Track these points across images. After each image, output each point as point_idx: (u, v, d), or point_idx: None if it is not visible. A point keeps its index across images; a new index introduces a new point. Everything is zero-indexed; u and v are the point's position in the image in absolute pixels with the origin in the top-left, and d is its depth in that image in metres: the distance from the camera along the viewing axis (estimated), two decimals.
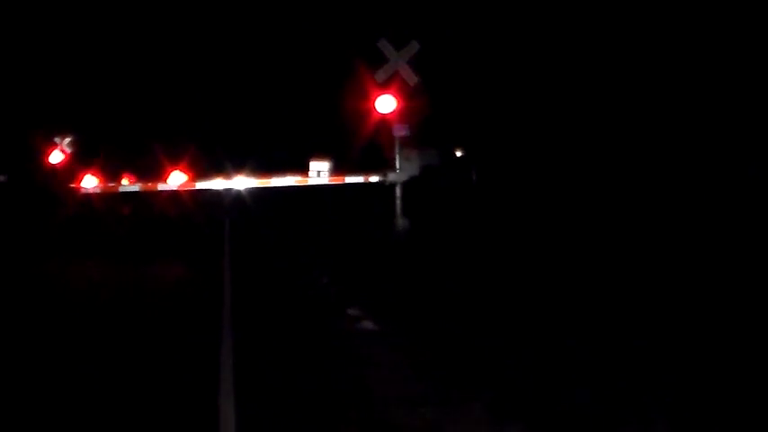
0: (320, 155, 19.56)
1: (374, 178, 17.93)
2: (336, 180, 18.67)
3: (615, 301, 9.80)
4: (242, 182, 19.05)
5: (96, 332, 9.80)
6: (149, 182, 20.44)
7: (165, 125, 29.88)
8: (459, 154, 23.47)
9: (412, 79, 16.80)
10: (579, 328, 8.72)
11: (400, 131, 17.15)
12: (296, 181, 18.84)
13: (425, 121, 17.92)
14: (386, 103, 16.73)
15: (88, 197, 19.07)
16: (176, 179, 20.04)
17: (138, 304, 11.85)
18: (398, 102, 16.73)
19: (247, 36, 30.25)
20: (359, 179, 18.40)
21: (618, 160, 17.75)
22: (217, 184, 19.43)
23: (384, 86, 16.91)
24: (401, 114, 16.95)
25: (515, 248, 14.85)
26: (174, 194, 21.30)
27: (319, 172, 18.76)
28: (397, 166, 17.30)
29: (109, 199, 20.43)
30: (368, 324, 9.66)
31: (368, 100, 17.28)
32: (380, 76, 16.82)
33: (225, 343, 8.74)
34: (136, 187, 19.15)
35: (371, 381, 7.38)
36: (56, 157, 19.77)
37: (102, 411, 6.63)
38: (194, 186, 19.15)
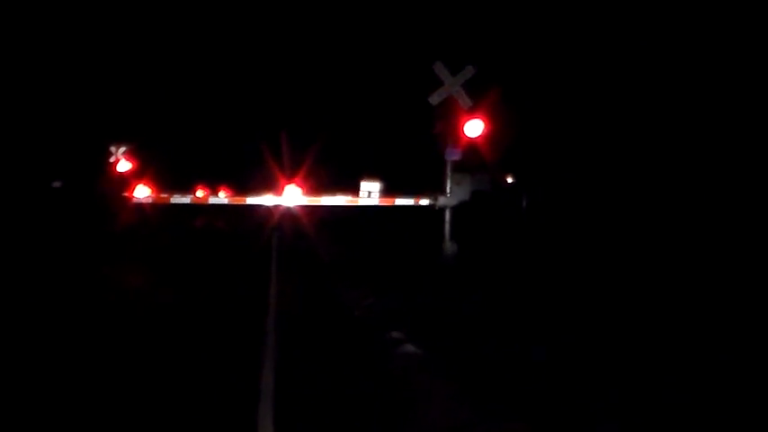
0: (371, 175, 19.53)
1: (424, 201, 17.86)
2: (387, 201, 18.62)
3: (663, 334, 9.66)
4: (292, 198, 19.08)
5: (132, 343, 9.90)
6: (200, 195, 20.64)
7: (216, 140, 30.28)
8: (510, 180, 23.36)
9: (467, 103, 16.74)
10: (624, 356, 8.60)
11: (453, 155, 17.10)
12: (346, 200, 18.83)
13: (478, 147, 17.86)
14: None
15: (141, 207, 19.25)
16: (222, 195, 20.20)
17: (182, 320, 11.92)
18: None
19: (307, 55, 30.55)
20: (409, 201, 18.34)
21: (667, 193, 17.57)
22: (267, 200, 19.49)
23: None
24: (455, 138, 16.92)
25: (564, 276, 14.72)
26: (223, 208, 21.45)
27: (370, 192, 18.72)
28: (448, 190, 17.24)
29: (162, 210, 20.63)
30: (409, 348, 9.59)
31: (427, 123, 17.35)
32: (435, 99, 16.79)
33: (267, 363, 8.74)
34: (187, 200, 19.28)
35: (410, 404, 7.32)
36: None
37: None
38: (245, 201, 19.24)
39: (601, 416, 6.75)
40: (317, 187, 20.05)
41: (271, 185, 20.41)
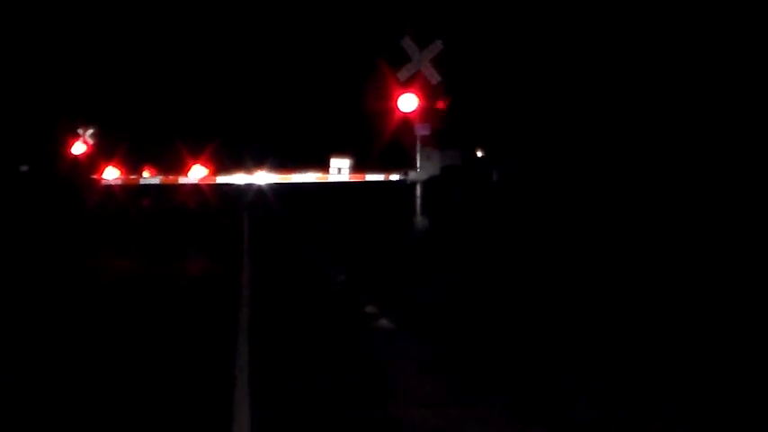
0: (341, 152, 19.55)
1: (395, 177, 17.90)
2: (357, 177, 18.65)
3: (631, 303, 9.78)
4: (262, 177, 19.05)
5: (110, 325, 9.87)
6: (170, 175, 20.53)
7: (188, 119, 30.04)
8: (480, 154, 23.42)
9: (435, 78, 16.78)
10: (595, 331, 8.70)
11: (422, 130, 17.13)
12: (316, 177, 18.83)
13: (447, 121, 17.89)
14: (408, 102, 16.70)
15: (109, 189, 19.14)
16: (197, 173, 20.11)
17: (156, 299, 11.89)
18: (420, 101, 16.71)
19: (272, 32, 30.34)
20: (379, 177, 18.37)
21: (638, 161, 17.67)
22: (237, 178, 19.45)
23: (406, 85, 16.89)
24: (423, 113, 16.93)
25: (534, 248, 14.83)
26: (194, 188, 21.38)
27: (340, 169, 18.76)
28: (418, 165, 17.27)
29: (130, 191, 20.51)
30: (384, 322, 9.64)
31: (390, 98, 17.28)
32: (403, 74, 16.81)
33: (241, 339, 8.74)
34: (157, 180, 19.19)
35: (386, 378, 7.38)
36: (78, 148, 19.83)
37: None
38: (215, 180, 19.18)
39: (576, 390, 6.81)
40: (287, 165, 20.03)
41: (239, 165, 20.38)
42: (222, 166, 21.96)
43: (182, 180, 20.20)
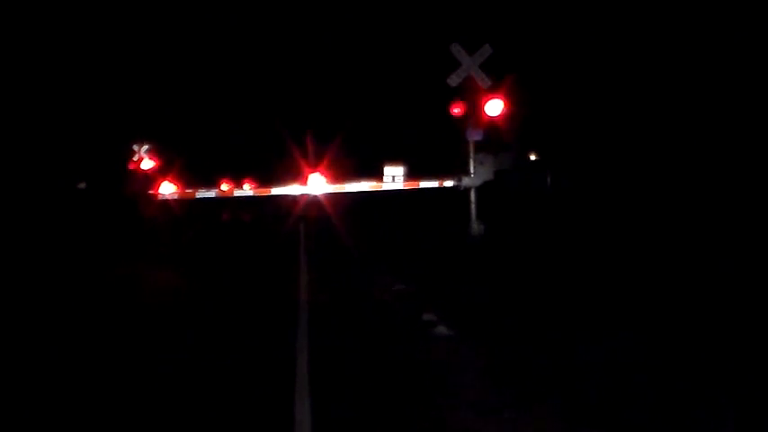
0: (395, 160, 19.56)
1: (449, 183, 17.85)
2: (411, 185, 18.63)
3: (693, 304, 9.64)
4: (317, 187, 19.12)
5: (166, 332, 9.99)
6: (224, 189, 20.77)
7: (239, 134, 30.37)
8: (533, 158, 23.29)
9: (485, 83, 16.72)
10: (658, 333, 8.60)
11: (475, 136, 17.09)
12: (370, 186, 18.85)
13: (499, 126, 17.82)
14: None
15: (166, 203, 19.38)
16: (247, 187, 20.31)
17: (219, 312, 12.00)
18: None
19: (326, 44, 30.57)
20: (433, 184, 18.34)
21: (694, 170, 17.44)
22: (292, 189, 19.56)
23: (457, 90, 16.87)
24: (475, 119, 16.90)
25: (591, 252, 14.68)
26: (249, 200, 21.54)
27: (394, 177, 18.76)
28: (472, 170, 17.21)
29: (188, 205, 20.75)
30: (442, 329, 9.61)
31: (446, 105, 17.34)
32: (453, 80, 16.78)
33: (300, 350, 8.77)
34: (212, 193, 19.38)
35: (444, 385, 7.36)
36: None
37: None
38: (269, 192, 19.32)
39: (632, 403, 6.75)
40: (341, 175, 20.09)
41: (295, 175, 20.48)
42: (277, 177, 22.17)
43: (237, 193, 20.38)
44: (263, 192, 19.99)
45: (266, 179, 24.02)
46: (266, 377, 7.83)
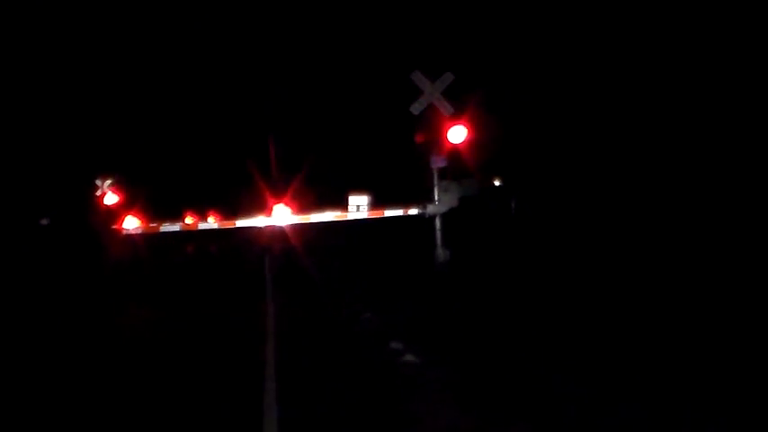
0: (359, 189, 19.51)
1: (413, 211, 17.84)
2: (376, 214, 18.60)
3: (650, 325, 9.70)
4: (282, 218, 19.04)
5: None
6: (188, 222, 20.62)
7: (202, 166, 30.27)
8: (497, 183, 23.40)
9: (448, 110, 16.76)
10: (619, 356, 8.63)
11: (439, 163, 17.10)
12: (335, 216, 18.80)
13: (462, 153, 17.88)
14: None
15: (130, 238, 19.17)
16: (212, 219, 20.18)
17: (183, 347, 11.89)
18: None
19: (288, 74, 30.61)
20: (398, 212, 18.31)
21: (656, 189, 17.64)
22: (257, 221, 19.45)
23: (420, 118, 16.91)
24: (438, 146, 16.92)
25: (556, 276, 14.75)
26: (215, 233, 21.39)
27: (358, 206, 18.69)
28: (436, 197, 17.22)
29: (152, 240, 20.54)
30: (409, 357, 9.58)
31: (409, 132, 17.39)
32: (416, 108, 16.80)
33: (268, 378, 8.71)
34: (177, 227, 19.21)
35: (414, 413, 7.32)
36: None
37: None
38: (234, 224, 19.19)
39: (603, 418, 6.76)
40: (305, 205, 20.03)
41: (260, 207, 20.37)
42: (241, 209, 22.06)
43: (202, 226, 20.24)
44: (228, 224, 19.84)
45: (231, 211, 23.91)
46: (233, 408, 7.76)
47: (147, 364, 10.48)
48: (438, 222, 17.17)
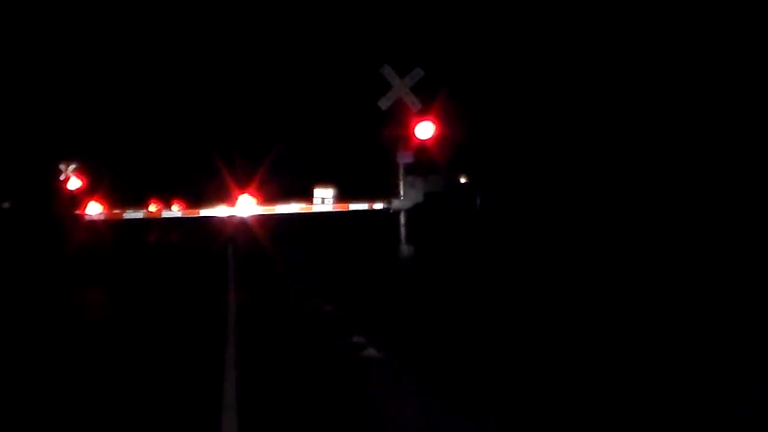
0: (324, 182, 19.51)
1: (378, 205, 17.88)
2: (341, 207, 18.61)
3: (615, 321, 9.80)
4: (247, 208, 18.98)
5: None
6: (152, 210, 20.50)
7: (167, 153, 30.05)
8: (463, 180, 23.46)
9: (416, 106, 16.79)
10: (584, 351, 8.71)
11: (405, 158, 17.14)
12: (300, 208, 18.78)
13: (429, 148, 17.92)
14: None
15: (93, 224, 19.02)
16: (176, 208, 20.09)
17: (145, 333, 11.82)
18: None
19: (255, 64, 30.44)
20: (363, 206, 18.34)
21: (623, 184, 17.75)
22: (220, 211, 19.39)
23: (388, 113, 16.93)
24: (406, 142, 16.96)
25: (520, 273, 14.85)
26: (178, 222, 21.29)
27: (323, 199, 18.69)
28: (402, 192, 17.26)
29: (115, 226, 20.39)
30: (371, 351, 9.60)
31: (377, 127, 17.41)
32: (384, 102, 16.81)
33: (228, 375, 8.68)
34: (140, 214, 19.10)
35: (375, 408, 7.34)
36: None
37: None
38: (198, 213, 19.11)
39: (566, 408, 6.81)
40: (270, 196, 19.98)
41: (224, 196, 20.30)
42: (205, 198, 21.97)
43: (166, 214, 20.15)
44: (192, 213, 19.77)
45: (195, 200, 23.80)
46: (192, 400, 7.73)
47: (97, 350, 10.40)
48: (403, 217, 17.22)
